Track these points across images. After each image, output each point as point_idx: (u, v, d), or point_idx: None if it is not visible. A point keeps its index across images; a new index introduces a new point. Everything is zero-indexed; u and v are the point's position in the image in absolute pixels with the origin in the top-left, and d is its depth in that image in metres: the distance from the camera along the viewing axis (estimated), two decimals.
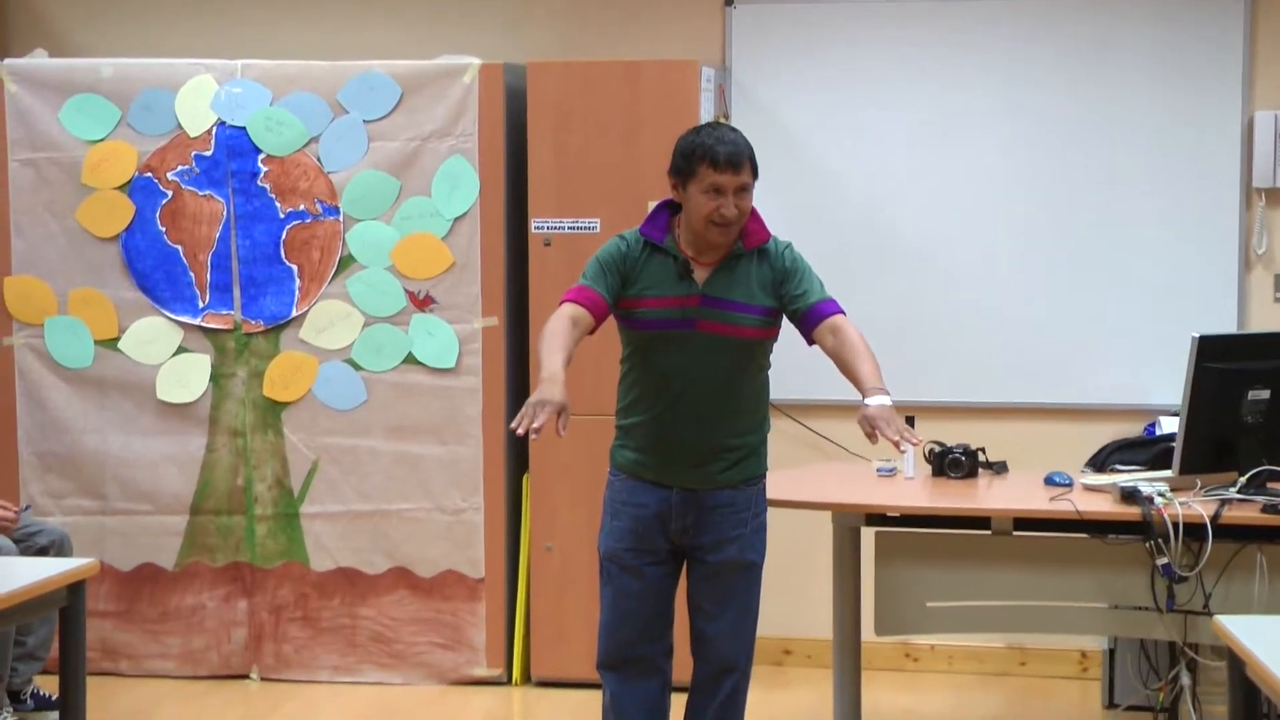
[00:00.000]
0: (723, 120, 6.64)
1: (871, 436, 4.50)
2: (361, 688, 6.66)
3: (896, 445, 4.47)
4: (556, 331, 4.62)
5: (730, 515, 4.77)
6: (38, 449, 6.79)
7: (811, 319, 4.70)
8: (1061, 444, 6.38)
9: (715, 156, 4.63)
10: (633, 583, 4.85)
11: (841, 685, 5.54)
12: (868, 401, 4.52)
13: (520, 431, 4.37)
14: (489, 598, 6.65)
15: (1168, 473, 5.30)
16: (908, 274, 6.74)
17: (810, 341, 4.75)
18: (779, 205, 6.51)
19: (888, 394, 4.53)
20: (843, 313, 4.73)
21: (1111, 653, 6.31)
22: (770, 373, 4.87)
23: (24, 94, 6.72)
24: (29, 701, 6.23)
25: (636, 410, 4.82)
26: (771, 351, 4.84)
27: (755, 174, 4.71)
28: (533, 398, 4.42)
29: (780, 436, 4.99)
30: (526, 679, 6.70)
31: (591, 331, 4.75)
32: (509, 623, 6.68)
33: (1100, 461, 5.81)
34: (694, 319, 4.70)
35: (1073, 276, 6.66)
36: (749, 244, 4.73)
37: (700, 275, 4.72)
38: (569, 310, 4.70)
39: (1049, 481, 5.45)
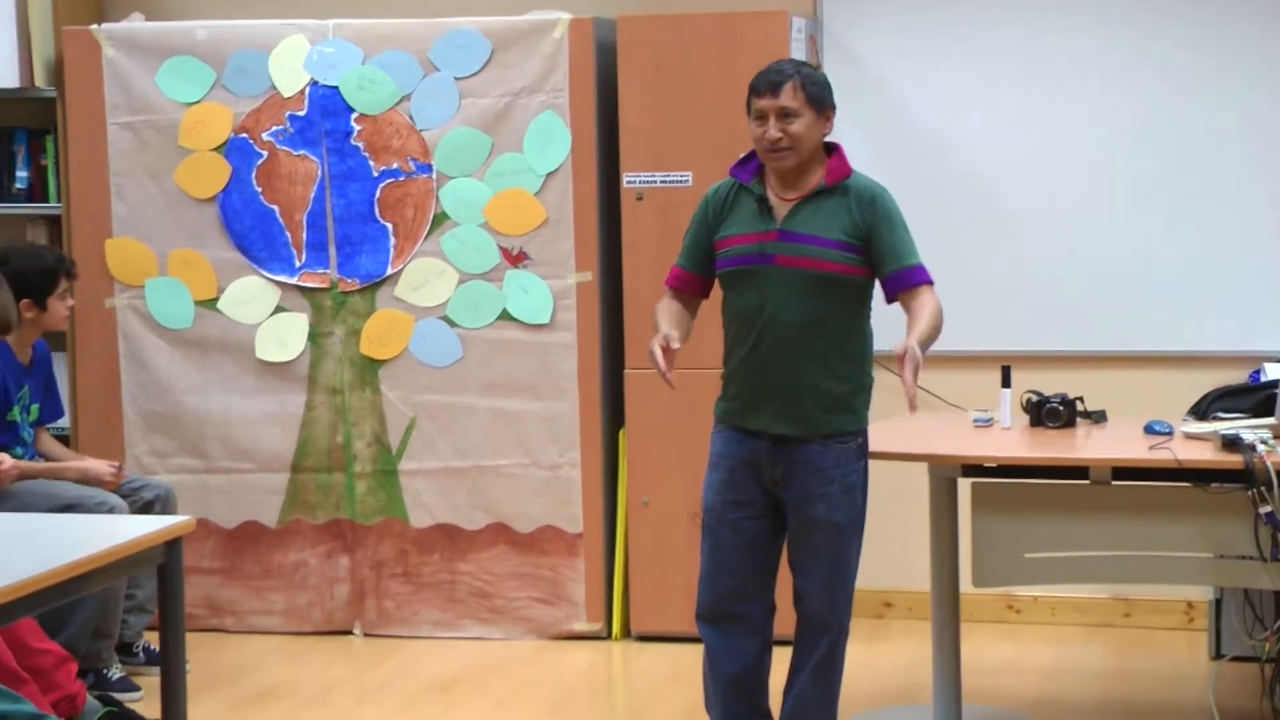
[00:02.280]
0: None
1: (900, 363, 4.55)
2: (462, 643, 6.70)
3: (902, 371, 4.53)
4: (662, 312, 4.91)
5: (816, 473, 4.75)
6: (142, 409, 6.87)
7: (894, 285, 4.75)
8: (1163, 392, 6.28)
9: (756, 84, 4.74)
10: (730, 536, 4.86)
11: (941, 638, 5.51)
12: (907, 341, 4.57)
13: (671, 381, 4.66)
14: (587, 553, 6.66)
15: (1271, 420, 5.21)
16: (1005, 222, 6.67)
17: (890, 301, 4.81)
18: (872, 155, 6.47)
19: (922, 348, 4.59)
20: (924, 282, 4.74)
21: (1218, 603, 6.24)
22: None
23: (121, 58, 6.78)
24: (140, 655, 6.34)
25: (730, 357, 4.86)
26: (866, 298, 4.82)
27: (814, 103, 4.71)
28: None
29: (876, 387, 4.95)
30: (626, 633, 6.71)
31: (705, 297, 4.95)
32: (608, 577, 6.70)
33: (1202, 410, 5.73)
34: (772, 254, 4.72)
35: (1174, 221, 6.56)
36: (830, 180, 4.73)
37: (781, 211, 4.74)
38: (669, 294, 4.96)
39: (1149, 430, 5.37)
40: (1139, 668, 6.31)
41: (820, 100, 4.72)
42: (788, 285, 4.71)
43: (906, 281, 4.73)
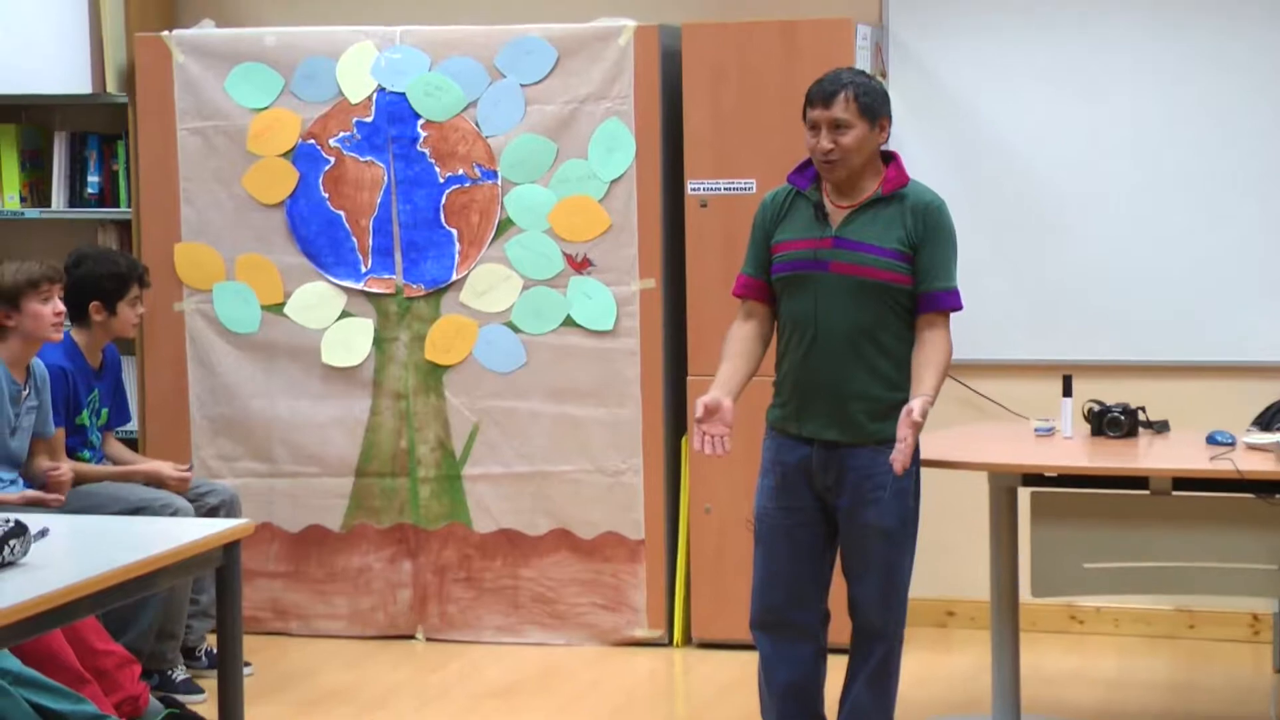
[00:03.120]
0: (879, 78, 6.57)
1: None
2: (524, 648, 6.71)
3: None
4: (725, 348, 4.91)
5: (867, 479, 4.74)
6: (209, 413, 6.92)
7: (922, 304, 4.76)
8: (1228, 403, 6.23)
9: (810, 93, 4.75)
10: (782, 543, 4.86)
11: (1000, 647, 5.48)
12: (911, 402, 4.62)
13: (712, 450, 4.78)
14: (649, 559, 6.66)
15: None
16: (1068, 230, 6.64)
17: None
18: (938, 164, 6.48)
19: (929, 403, 4.62)
20: (952, 308, 4.76)
21: None
22: None
23: (192, 64, 6.84)
24: (203, 659, 6.38)
25: (782, 362, 4.87)
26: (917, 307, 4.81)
27: (867, 114, 4.71)
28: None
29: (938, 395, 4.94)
30: (687, 640, 6.71)
31: (776, 303, 4.90)
32: (669, 584, 6.70)
33: (1267, 420, 5.67)
34: (827, 260, 4.73)
35: (1239, 228, 6.51)
36: (886, 189, 4.74)
37: (836, 218, 4.75)
38: (741, 311, 4.94)
39: (1211, 441, 5.34)
40: (1202, 680, 6.26)
41: (874, 111, 4.71)
42: (841, 292, 4.72)
43: (934, 304, 4.75)
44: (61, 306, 5.95)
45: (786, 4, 6.74)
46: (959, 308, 4.78)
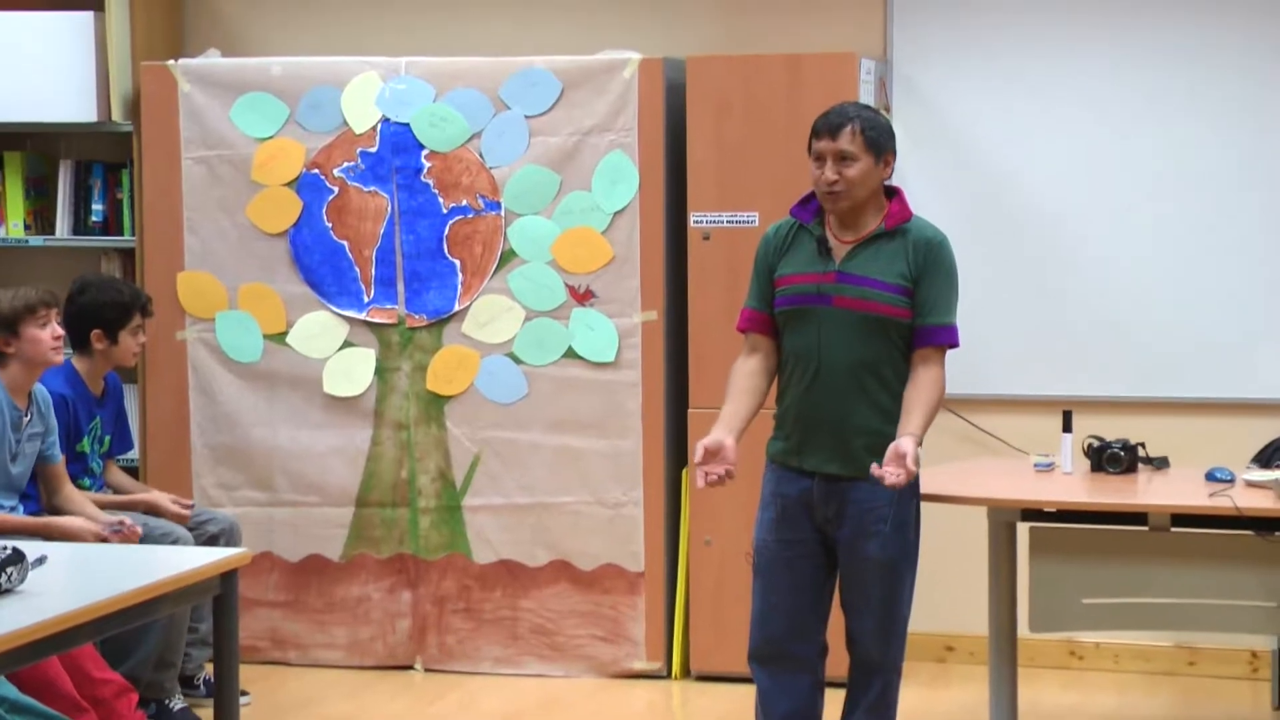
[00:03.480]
0: (883, 112, 6.59)
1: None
2: (523, 679, 6.70)
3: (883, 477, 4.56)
4: (730, 384, 4.91)
5: (868, 512, 4.74)
6: (210, 441, 6.92)
7: (919, 338, 4.75)
8: (1229, 439, 6.24)
9: (816, 125, 4.76)
10: (782, 576, 4.86)
11: (998, 683, 5.48)
12: (900, 442, 4.59)
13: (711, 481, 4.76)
14: (649, 591, 6.66)
15: None
16: (1070, 265, 6.64)
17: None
18: (941, 199, 6.49)
19: (916, 443, 4.59)
20: (948, 345, 4.76)
21: None
22: None
23: (197, 93, 6.86)
24: (201, 688, 6.37)
25: (784, 395, 4.87)
26: None
27: (872, 147, 4.72)
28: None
29: (938, 430, 4.95)
30: (686, 673, 6.70)
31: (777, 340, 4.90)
32: (668, 616, 6.69)
33: (1266, 457, 5.69)
34: (830, 295, 4.74)
35: (1241, 264, 6.51)
36: (889, 224, 4.75)
37: (840, 253, 4.76)
38: (746, 345, 4.93)
39: (1210, 477, 5.34)
40: (1202, 717, 6.24)
41: (879, 145, 4.73)
42: (843, 326, 4.72)
43: (929, 339, 4.75)
44: (60, 330, 5.97)
45: (791, 38, 6.77)
46: (955, 344, 4.78)
